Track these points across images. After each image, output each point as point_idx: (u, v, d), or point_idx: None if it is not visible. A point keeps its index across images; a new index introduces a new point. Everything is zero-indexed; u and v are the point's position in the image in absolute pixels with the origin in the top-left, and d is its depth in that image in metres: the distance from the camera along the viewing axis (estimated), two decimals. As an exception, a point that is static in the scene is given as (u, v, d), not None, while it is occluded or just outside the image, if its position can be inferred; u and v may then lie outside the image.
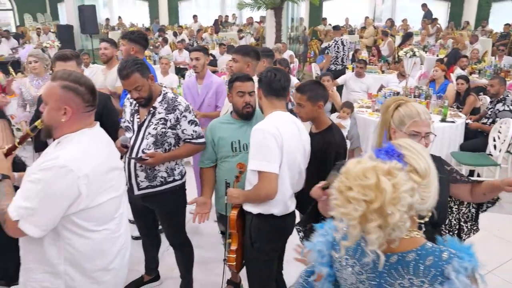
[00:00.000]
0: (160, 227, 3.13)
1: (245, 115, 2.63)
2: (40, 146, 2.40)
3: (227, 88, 2.78)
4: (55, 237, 1.72)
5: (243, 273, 3.06)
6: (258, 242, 2.40)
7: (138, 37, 3.80)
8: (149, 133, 2.65)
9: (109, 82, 3.92)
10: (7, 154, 1.93)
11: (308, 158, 2.50)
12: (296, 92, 2.65)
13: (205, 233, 4.06)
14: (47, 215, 1.64)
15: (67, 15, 13.11)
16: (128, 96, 2.80)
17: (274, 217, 2.37)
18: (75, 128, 1.76)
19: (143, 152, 2.63)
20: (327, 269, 1.43)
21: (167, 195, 2.77)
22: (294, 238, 2.54)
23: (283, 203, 2.37)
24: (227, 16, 17.25)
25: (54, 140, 1.84)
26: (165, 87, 2.77)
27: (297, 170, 2.41)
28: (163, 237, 3.20)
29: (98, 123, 1.89)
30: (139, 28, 16.54)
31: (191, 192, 3.30)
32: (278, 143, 2.24)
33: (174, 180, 2.79)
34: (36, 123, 1.85)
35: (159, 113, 2.65)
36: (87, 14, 11.58)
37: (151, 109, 2.66)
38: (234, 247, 2.44)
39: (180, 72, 9.13)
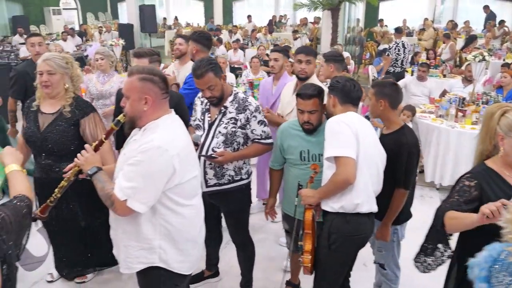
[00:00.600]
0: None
1: (305, 130, 2.65)
2: (120, 144, 2.52)
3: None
4: (151, 214, 1.92)
5: (302, 275, 3.07)
6: (337, 244, 2.38)
7: (199, 37, 3.88)
8: (219, 132, 2.70)
9: (181, 78, 4.04)
10: (96, 149, 2.06)
11: (385, 160, 2.47)
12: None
13: (263, 232, 4.09)
14: (150, 192, 1.85)
15: (128, 14, 13.62)
16: (199, 95, 2.87)
17: (358, 216, 2.35)
18: (157, 115, 1.95)
19: (213, 150, 2.68)
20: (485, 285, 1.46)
21: (234, 194, 2.81)
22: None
23: (366, 195, 2.34)
24: (281, 16, 17.23)
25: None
26: (235, 87, 2.81)
27: (375, 167, 2.40)
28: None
29: (173, 110, 2.06)
30: (193, 28, 16.91)
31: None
32: (353, 130, 2.29)
33: (241, 179, 2.82)
34: (119, 118, 1.99)
35: (230, 112, 2.69)
36: (147, 14, 12.01)
37: (222, 108, 2.71)
38: (308, 248, 2.43)
39: (235, 71, 9.24)
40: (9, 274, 1.24)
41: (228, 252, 3.53)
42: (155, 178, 1.85)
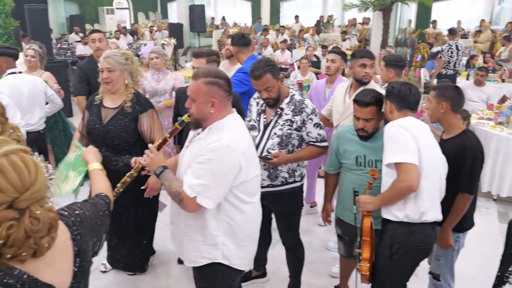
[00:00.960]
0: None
1: (360, 137, 2.60)
2: (182, 140, 2.60)
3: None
4: (216, 211, 1.98)
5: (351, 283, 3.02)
6: (399, 254, 2.31)
7: (235, 40, 3.89)
8: (275, 133, 2.69)
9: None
10: (159, 148, 2.13)
11: (446, 166, 2.38)
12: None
13: (309, 235, 4.05)
14: (219, 189, 1.92)
15: (178, 14, 13.92)
16: (255, 95, 2.87)
17: (423, 226, 2.27)
18: (222, 115, 2.01)
19: (267, 151, 2.67)
20: None
21: (287, 196, 2.80)
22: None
23: (431, 203, 2.26)
24: (329, 16, 17.02)
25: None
26: (292, 89, 2.80)
27: (437, 173, 2.31)
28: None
29: (235, 109, 2.10)
30: (241, 28, 17.04)
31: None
32: (413, 135, 2.22)
33: (294, 182, 2.81)
34: (183, 118, 2.05)
35: (286, 114, 2.68)
36: (196, 13, 12.22)
37: (278, 110, 2.70)
38: (366, 256, 2.37)
39: (281, 72, 9.22)
40: (82, 268, 1.27)
41: (275, 254, 3.51)
42: (224, 176, 1.91)
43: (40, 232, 1.08)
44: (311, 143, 2.73)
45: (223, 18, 18.86)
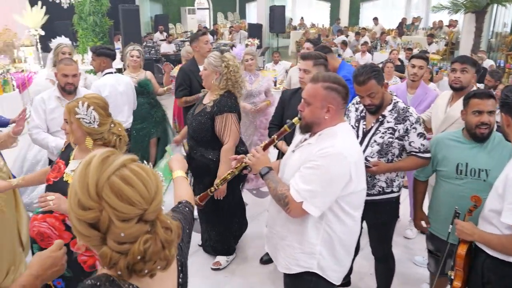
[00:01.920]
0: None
1: (478, 136, 2.38)
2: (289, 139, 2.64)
3: None
4: (318, 219, 1.93)
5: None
6: (492, 284, 2.11)
7: (322, 49, 3.81)
8: (375, 141, 2.60)
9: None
10: (265, 148, 2.13)
11: None
12: None
13: (396, 247, 3.86)
14: (326, 197, 1.87)
15: (258, 14, 14.08)
16: (354, 100, 2.79)
17: None
18: (334, 123, 1.96)
19: (366, 159, 2.58)
20: None
21: (382, 205, 2.70)
22: None
23: None
24: (415, 18, 16.29)
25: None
26: (396, 95, 2.68)
27: None
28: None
29: (347, 118, 2.02)
30: (319, 29, 16.87)
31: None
32: None
33: (392, 192, 2.69)
34: (293, 121, 2.04)
35: (388, 122, 2.58)
36: (277, 14, 12.28)
37: (380, 117, 2.60)
38: (457, 285, 2.19)
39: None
40: (184, 284, 1.23)
41: (358, 263, 3.41)
42: (333, 184, 1.86)
43: (173, 242, 1.05)
44: (413, 153, 2.59)
45: (302, 19, 18.79)
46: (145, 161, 1.21)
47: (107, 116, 2.14)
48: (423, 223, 2.77)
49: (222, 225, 3.49)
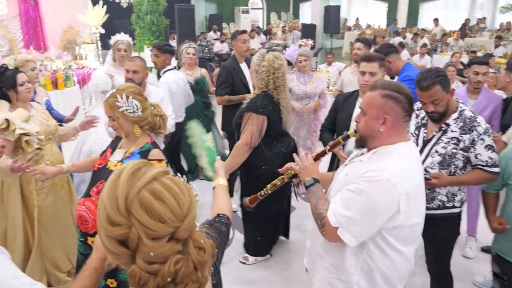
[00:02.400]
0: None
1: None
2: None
3: None
4: (359, 248, 1.71)
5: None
6: None
7: (387, 47, 3.62)
8: (436, 151, 2.41)
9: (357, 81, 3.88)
10: (316, 159, 1.99)
11: None
12: None
13: (454, 265, 3.61)
14: (365, 227, 1.64)
15: (312, 14, 13.87)
16: (415, 106, 2.61)
17: None
18: (392, 139, 1.72)
19: (425, 170, 2.40)
20: None
21: (442, 220, 2.50)
22: None
23: None
24: (480, 19, 15.40)
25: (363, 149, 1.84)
26: (462, 103, 2.47)
27: None
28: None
29: (412, 138, 1.77)
30: (375, 30, 16.38)
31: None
32: None
33: (453, 207, 2.49)
34: (348, 133, 1.89)
35: (452, 131, 2.38)
36: (332, 14, 12.03)
37: (443, 125, 2.40)
38: None
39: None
40: None
41: (409, 280, 3.20)
42: (375, 214, 1.62)
43: (207, 263, 0.96)
44: (480, 166, 2.38)
45: (357, 19, 18.34)
46: (178, 174, 1.13)
47: (145, 100, 2.20)
48: (497, 225, 2.45)
49: (258, 228, 3.46)
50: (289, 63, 4.36)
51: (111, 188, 0.92)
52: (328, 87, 6.77)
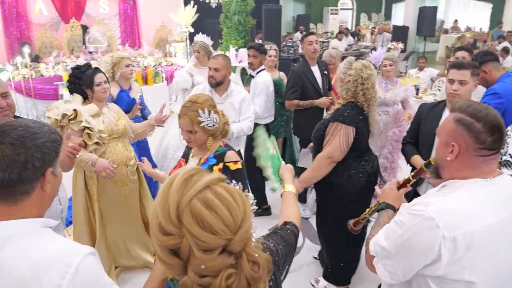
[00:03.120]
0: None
1: None
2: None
3: None
4: (404, 285, 1.49)
5: None
6: None
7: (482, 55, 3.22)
8: None
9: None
10: (400, 187, 1.81)
11: None
12: None
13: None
14: (399, 264, 1.42)
15: (405, 16, 13.15)
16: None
17: None
18: (464, 173, 1.42)
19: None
20: None
21: None
22: None
23: None
24: None
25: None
26: None
27: None
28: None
29: (505, 175, 1.44)
30: (475, 33, 15.12)
31: None
32: None
33: None
34: (430, 159, 1.66)
35: None
36: (427, 16, 11.28)
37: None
38: None
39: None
40: None
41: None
42: (410, 253, 1.37)
43: (261, 279, 0.90)
44: None
45: (455, 22, 17.08)
46: (234, 181, 1.06)
47: (218, 110, 2.23)
48: None
49: (345, 251, 3.09)
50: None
51: (163, 196, 0.88)
52: (417, 94, 6.33)
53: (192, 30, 8.82)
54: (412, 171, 3.02)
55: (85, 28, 9.82)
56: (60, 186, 1.27)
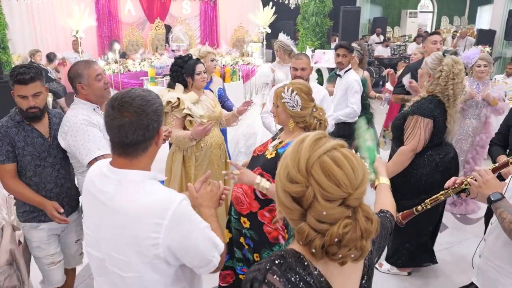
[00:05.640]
0: None
1: None
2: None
3: None
4: None
5: None
6: None
7: None
8: None
9: None
10: (494, 171, 1.84)
11: None
12: None
13: None
14: None
15: (492, 19, 12.39)
16: None
17: None
18: None
19: None
20: None
21: None
22: None
23: None
24: None
25: None
26: None
27: None
28: None
29: None
30: None
31: None
32: None
33: None
34: None
35: None
36: (517, 20, 10.54)
37: None
38: None
39: None
40: (366, 287, 1.18)
41: None
42: None
43: (372, 234, 1.02)
44: None
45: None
46: (353, 150, 1.18)
47: (309, 101, 2.25)
48: None
49: (403, 237, 3.14)
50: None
51: (294, 150, 1.02)
52: (503, 101, 5.99)
53: (269, 30, 9.00)
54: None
55: (168, 28, 10.38)
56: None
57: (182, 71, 3.08)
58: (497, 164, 1.90)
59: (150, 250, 1.28)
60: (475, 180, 1.83)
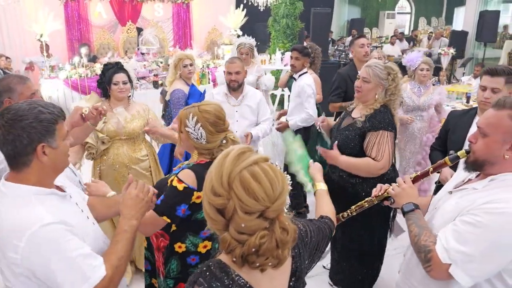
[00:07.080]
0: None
1: None
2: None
3: None
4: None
5: None
6: None
7: None
8: None
9: None
10: (414, 180, 1.82)
11: None
12: None
13: None
14: (485, 266, 1.43)
15: (465, 20, 12.55)
16: None
17: None
18: None
19: None
20: None
21: None
22: None
23: None
24: None
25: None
26: None
27: None
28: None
29: None
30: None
31: None
32: None
33: None
34: (459, 153, 1.67)
35: None
36: (487, 21, 10.66)
37: None
38: None
39: None
40: (295, 287, 1.24)
41: None
42: (499, 253, 1.40)
43: (288, 244, 1.09)
44: None
45: (521, 27, 16.00)
46: (276, 163, 1.19)
47: (217, 133, 1.90)
48: None
49: (363, 263, 2.94)
50: (403, 69, 3.88)
51: (218, 164, 1.08)
52: (467, 102, 6.05)
53: (240, 33, 8.95)
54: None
55: (140, 30, 10.27)
56: (66, 157, 1.44)
57: (103, 79, 3.03)
58: (418, 173, 1.88)
59: (13, 267, 1.27)
60: (393, 189, 1.80)
